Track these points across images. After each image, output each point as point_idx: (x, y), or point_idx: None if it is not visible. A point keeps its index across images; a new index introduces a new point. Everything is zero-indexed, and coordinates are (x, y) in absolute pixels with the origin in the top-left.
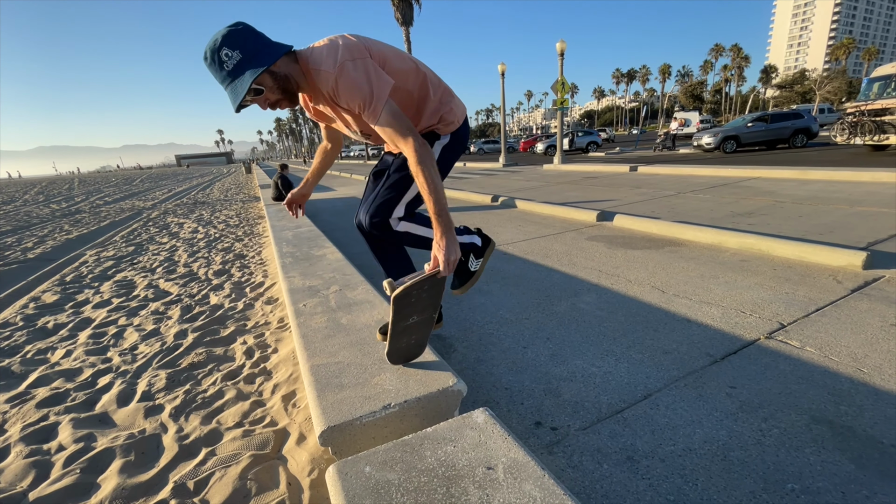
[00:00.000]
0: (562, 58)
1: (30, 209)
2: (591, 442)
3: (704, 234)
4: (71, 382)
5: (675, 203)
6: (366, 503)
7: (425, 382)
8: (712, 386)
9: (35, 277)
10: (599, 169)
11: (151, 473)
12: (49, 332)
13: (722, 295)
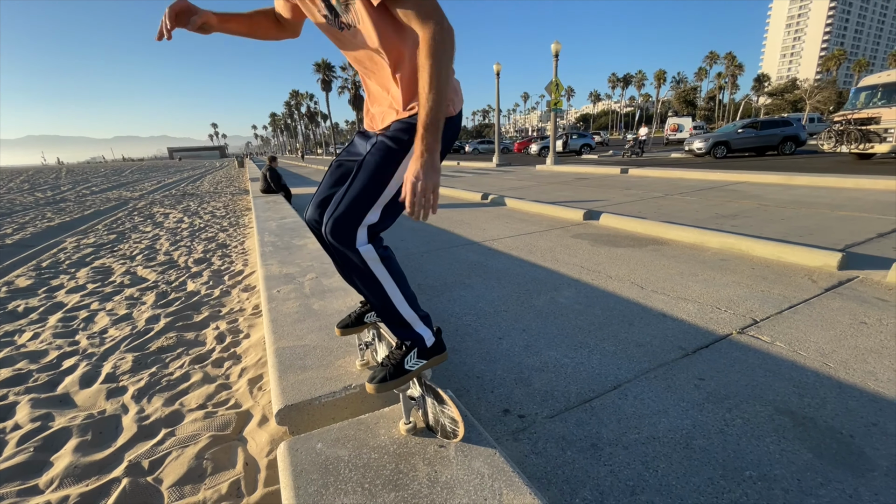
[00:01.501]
0: (556, 59)
1: (13, 197)
2: (557, 430)
3: (687, 234)
4: (35, 364)
5: (663, 204)
6: (313, 477)
7: None
8: (681, 378)
9: (10, 263)
10: (591, 170)
11: (106, 453)
12: (18, 315)
13: (699, 292)
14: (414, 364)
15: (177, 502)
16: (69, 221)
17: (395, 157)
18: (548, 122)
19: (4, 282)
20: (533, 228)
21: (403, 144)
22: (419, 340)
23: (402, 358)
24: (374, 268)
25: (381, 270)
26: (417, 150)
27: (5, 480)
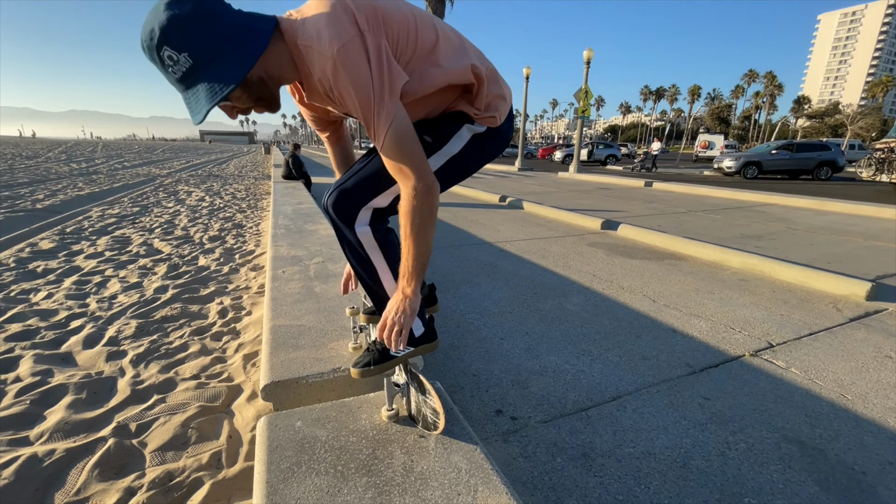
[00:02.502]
0: (588, 66)
1: (50, 166)
2: (550, 435)
3: (707, 251)
4: (44, 322)
5: (685, 220)
6: (287, 454)
7: None
8: (685, 395)
9: (38, 226)
10: (614, 181)
11: (98, 412)
12: (37, 275)
13: (714, 310)
14: (400, 351)
15: (157, 467)
16: (98, 192)
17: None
18: (574, 131)
19: (29, 243)
20: (548, 233)
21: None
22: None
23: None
24: (369, 250)
25: (376, 254)
26: (400, 290)
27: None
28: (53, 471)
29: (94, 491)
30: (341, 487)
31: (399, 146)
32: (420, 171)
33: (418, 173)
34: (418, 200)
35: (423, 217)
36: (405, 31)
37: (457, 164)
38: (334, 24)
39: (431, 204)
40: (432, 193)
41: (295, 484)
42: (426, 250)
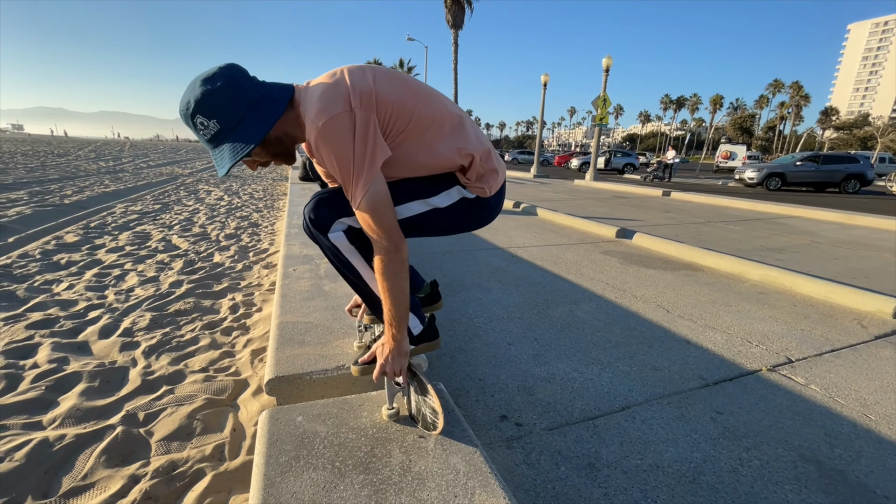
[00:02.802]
0: (607, 74)
1: (80, 164)
2: (554, 443)
3: (725, 262)
4: (64, 311)
5: (703, 231)
6: (286, 448)
7: None
8: (697, 408)
9: (64, 220)
10: (631, 190)
11: (108, 400)
12: (60, 266)
13: (730, 322)
14: None
15: (162, 456)
16: (122, 189)
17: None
18: (592, 139)
19: (55, 236)
20: (561, 240)
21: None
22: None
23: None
24: (348, 254)
25: (356, 257)
26: (389, 337)
27: (15, 413)
28: (63, 455)
29: (99, 477)
30: (338, 484)
31: (372, 211)
32: (389, 233)
33: (388, 235)
34: (388, 258)
35: (394, 271)
36: (399, 109)
37: (439, 218)
38: (327, 99)
39: (400, 260)
40: (400, 250)
41: (292, 478)
42: (403, 299)
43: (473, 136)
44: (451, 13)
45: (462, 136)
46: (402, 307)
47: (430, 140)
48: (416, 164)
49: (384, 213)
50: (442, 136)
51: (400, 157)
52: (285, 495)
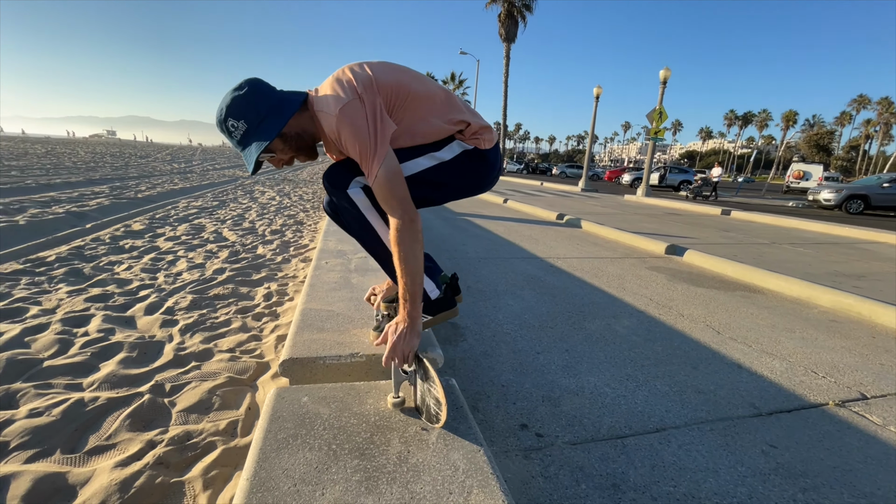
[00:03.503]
0: (664, 86)
1: (156, 165)
2: (577, 458)
3: (791, 286)
4: (119, 288)
5: (766, 252)
6: (287, 426)
7: None
8: (746, 439)
9: (135, 211)
10: (686, 207)
11: (142, 370)
12: (124, 250)
13: (793, 350)
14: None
15: (180, 426)
16: (188, 188)
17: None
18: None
19: (125, 224)
20: (605, 254)
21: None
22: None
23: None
24: (366, 211)
25: (373, 215)
26: (401, 316)
27: (61, 374)
28: (93, 416)
29: (121, 439)
30: (330, 466)
31: (387, 183)
32: (403, 204)
33: (401, 206)
34: (402, 228)
35: (408, 243)
36: (396, 88)
37: (446, 172)
38: (338, 92)
39: (414, 230)
40: (414, 221)
41: (287, 455)
42: (417, 272)
43: (462, 106)
44: (505, 27)
45: (452, 108)
46: (416, 281)
47: (426, 113)
48: (415, 133)
49: (398, 185)
50: (435, 110)
51: (402, 129)
52: (276, 471)
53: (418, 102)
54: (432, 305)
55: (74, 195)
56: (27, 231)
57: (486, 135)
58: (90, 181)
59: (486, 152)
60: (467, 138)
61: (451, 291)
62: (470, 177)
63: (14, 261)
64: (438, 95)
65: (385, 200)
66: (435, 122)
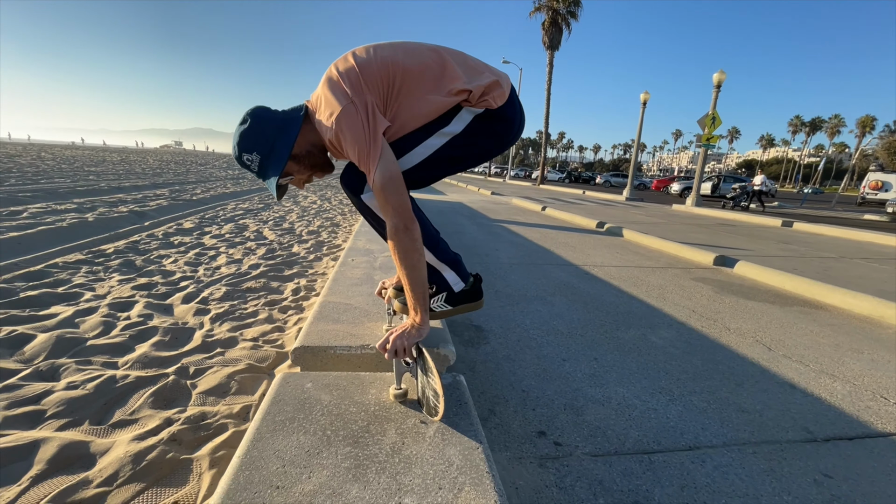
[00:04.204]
0: (717, 90)
1: (213, 171)
2: (596, 471)
3: (860, 302)
4: (163, 279)
5: (832, 266)
6: (286, 409)
7: None
8: (796, 465)
9: (189, 211)
10: (741, 218)
11: (172, 353)
12: (173, 245)
13: (859, 372)
14: (440, 307)
15: (197, 406)
16: (238, 191)
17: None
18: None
19: (177, 223)
20: (646, 263)
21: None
22: (444, 285)
23: (430, 297)
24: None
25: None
26: (410, 317)
27: (101, 352)
28: (122, 392)
29: (144, 415)
30: (322, 450)
31: (382, 189)
32: (398, 211)
33: (397, 213)
34: (397, 236)
35: (406, 250)
36: (385, 75)
37: (461, 144)
38: (330, 99)
39: (412, 238)
40: (410, 229)
41: (281, 437)
42: (418, 278)
43: (461, 71)
44: (549, 35)
45: (450, 76)
46: (418, 289)
47: (423, 92)
48: (418, 114)
49: (393, 191)
50: (431, 84)
51: (405, 114)
52: (268, 451)
53: (413, 81)
54: (455, 297)
55: (139, 197)
56: (94, 227)
57: (494, 92)
58: (154, 185)
59: (499, 110)
60: (475, 103)
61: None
62: (488, 140)
63: (79, 252)
64: (432, 66)
65: (381, 206)
66: (435, 99)
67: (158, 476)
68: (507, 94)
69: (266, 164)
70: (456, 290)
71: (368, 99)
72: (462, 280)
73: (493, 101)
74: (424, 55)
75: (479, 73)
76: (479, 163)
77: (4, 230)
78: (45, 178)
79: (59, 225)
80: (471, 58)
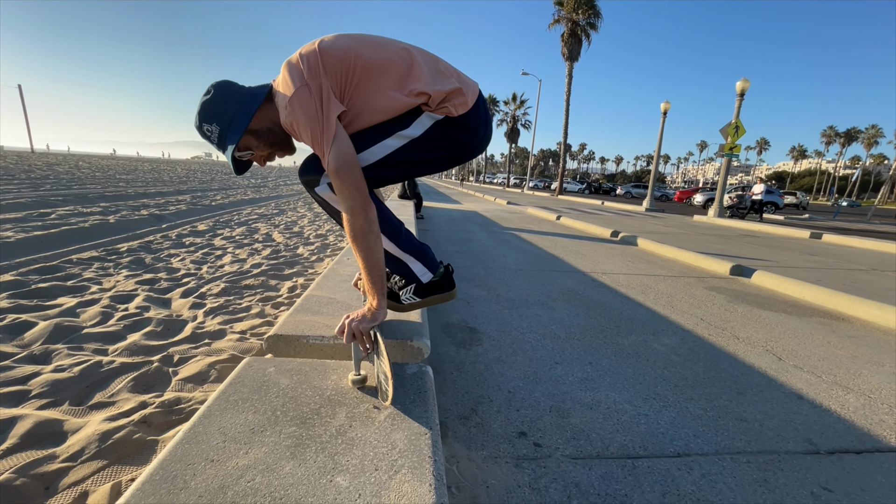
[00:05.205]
0: (741, 98)
1: (236, 180)
2: (574, 474)
3: (886, 315)
4: (167, 275)
5: (861, 278)
6: (242, 390)
7: (392, 331)
8: (793, 477)
9: (205, 215)
10: (766, 229)
11: (161, 343)
12: (184, 245)
13: (877, 385)
14: (409, 299)
15: (174, 392)
16: (256, 198)
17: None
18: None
19: (192, 225)
20: (658, 271)
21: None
22: (411, 276)
23: (398, 289)
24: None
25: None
26: (367, 302)
27: (94, 340)
28: (105, 377)
29: (121, 398)
30: (267, 429)
31: (336, 172)
32: (354, 194)
33: (353, 196)
34: (353, 219)
35: (361, 233)
36: (343, 63)
37: (419, 149)
38: (287, 80)
39: (367, 220)
40: (366, 210)
41: (230, 415)
42: (375, 263)
43: (427, 73)
44: (568, 46)
45: (414, 76)
46: (374, 273)
47: (383, 86)
48: (375, 109)
49: (348, 174)
50: (392, 80)
51: (360, 105)
52: (213, 428)
53: (372, 73)
54: (423, 289)
55: (162, 202)
56: (114, 228)
57: (455, 99)
58: (178, 191)
59: (461, 118)
60: (434, 109)
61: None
62: (447, 148)
63: (94, 249)
64: (396, 63)
65: (336, 189)
66: (394, 96)
67: (122, 454)
68: (470, 102)
69: (224, 136)
70: (424, 281)
71: (324, 82)
72: (430, 271)
73: (454, 108)
74: (392, 51)
75: (445, 79)
76: (442, 169)
77: (31, 229)
78: (77, 184)
79: (81, 225)
80: (442, 62)
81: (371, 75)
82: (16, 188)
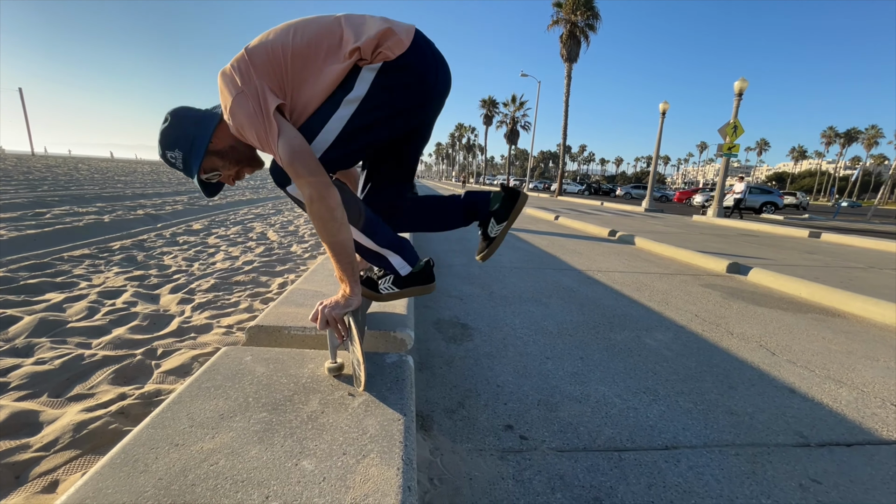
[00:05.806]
0: (739, 98)
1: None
2: (559, 466)
3: (882, 310)
4: (158, 272)
5: (858, 276)
6: (216, 378)
7: (377, 322)
8: (782, 469)
9: (201, 215)
10: (765, 228)
11: (146, 336)
12: (177, 244)
13: (870, 379)
14: (387, 289)
15: (154, 384)
16: (254, 199)
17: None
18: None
19: (187, 224)
20: (654, 269)
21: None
22: (390, 268)
23: (377, 279)
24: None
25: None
26: (340, 289)
27: (79, 334)
28: (86, 369)
29: (101, 390)
30: (236, 415)
31: (290, 164)
32: (310, 180)
33: (309, 184)
34: (313, 206)
35: (323, 220)
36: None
37: (373, 107)
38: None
39: (327, 206)
40: (324, 197)
41: (200, 401)
42: (341, 250)
43: (351, 31)
44: (566, 47)
45: (345, 41)
46: (343, 259)
47: (319, 63)
48: (320, 89)
49: (301, 162)
50: (329, 55)
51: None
52: (181, 413)
53: (304, 58)
54: (402, 281)
55: (158, 202)
56: (109, 227)
57: (388, 41)
58: (176, 192)
59: (399, 59)
60: (371, 59)
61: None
62: (400, 95)
63: (86, 247)
64: (324, 36)
65: (294, 181)
66: (332, 69)
67: (96, 444)
68: (406, 42)
69: (188, 159)
70: (402, 274)
71: (258, 83)
72: (409, 264)
73: (390, 51)
74: (318, 26)
75: (371, 27)
76: (403, 126)
77: (24, 228)
78: (75, 185)
79: (76, 224)
80: (371, 16)
81: (304, 60)
82: (13, 189)
